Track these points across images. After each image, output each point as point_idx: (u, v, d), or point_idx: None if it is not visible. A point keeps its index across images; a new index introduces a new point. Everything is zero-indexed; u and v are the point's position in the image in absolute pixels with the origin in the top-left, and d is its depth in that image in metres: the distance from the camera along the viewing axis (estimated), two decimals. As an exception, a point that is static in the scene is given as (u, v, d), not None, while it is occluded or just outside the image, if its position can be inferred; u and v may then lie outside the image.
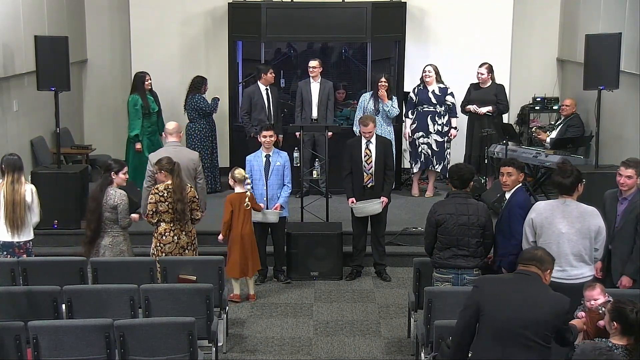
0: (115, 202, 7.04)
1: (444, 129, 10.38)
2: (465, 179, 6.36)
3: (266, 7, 10.57)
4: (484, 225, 6.24)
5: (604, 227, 5.86)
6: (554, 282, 5.61)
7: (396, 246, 9.02)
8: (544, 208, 5.89)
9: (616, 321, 4.61)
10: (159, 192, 7.21)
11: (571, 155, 10.04)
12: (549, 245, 5.68)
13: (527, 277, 4.56)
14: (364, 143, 8.34)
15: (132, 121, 10.03)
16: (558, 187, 5.90)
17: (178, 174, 7.27)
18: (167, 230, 7.22)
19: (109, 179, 7.12)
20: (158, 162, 7.35)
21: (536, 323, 4.39)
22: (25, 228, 7.11)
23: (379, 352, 6.89)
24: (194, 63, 11.62)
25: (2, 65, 9.22)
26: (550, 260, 4.67)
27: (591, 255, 5.81)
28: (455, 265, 6.26)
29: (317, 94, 10.18)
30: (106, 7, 12.28)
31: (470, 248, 6.24)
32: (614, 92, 9.12)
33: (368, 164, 8.32)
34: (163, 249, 7.21)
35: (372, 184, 8.34)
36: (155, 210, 7.20)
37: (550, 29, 12.31)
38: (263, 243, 8.37)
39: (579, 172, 5.96)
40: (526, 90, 12.02)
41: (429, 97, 10.31)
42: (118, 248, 7.11)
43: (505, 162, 6.57)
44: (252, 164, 8.23)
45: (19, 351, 5.27)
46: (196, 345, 5.43)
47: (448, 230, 6.26)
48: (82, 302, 5.98)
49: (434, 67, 10.34)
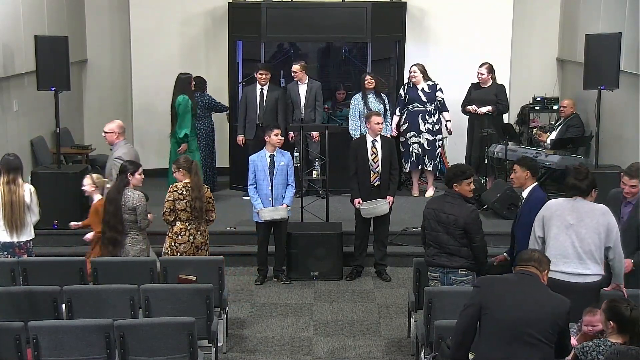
0: (134, 204, 7.02)
1: (434, 127, 10.39)
2: (446, 180, 6.48)
3: (266, 7, 10.57)
4: (463, 227, 6.18)
5: (616, 225, 5.77)
6: (562, 282, 5.62)
7: (396, 246, 9.01)
8: (554, 204, 5.90)
9: (612, 320, 4.60)
10: (178, 189, 7.21)
11: (571, 155, 10.05)
12: (558, 237, 5.67)
13: (528, 277, 4.57)
14: (369, 142, 8.35)
15: (183, 122, 9.80)
16: (572, 189, 5.83)
17: (196, 172, 7.30)
18: (182, 230, 7.21)
19: (126, 181, 7.09)
20: (175, 161, 7.41)
21: (539, 322, 4.39)
22: (24, 228, 7.10)
23: (379, 352, 6.89)
24: (194, 63, 11.60)
25: (2, 65, 9.22)
26: (547, 262, 4.69)
27: (601, 254, 5.73)
28: (440, 264, 6.28)
29: (304, 95, 10.19)
30: (106, 7, 12.28)
31: (450, 247, 6.23)
32: (614, 92, 9.13)
33: (375, 163, 8.33)
34: (178, 248, 7.21)
35: (378, 183, 8.35)
36: (172, 209, 7.19)
37: (550, 29, 12.31)
38: (266, 243, 8.38)
39: (594, 177, 5.92)
40: (526, 90, 12.02)
41: (419, 95, 10.32)
42: (138, 247, 7.10)
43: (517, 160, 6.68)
44: (256, 164, 8.22)
45: (19, 351, 5.26)
46: (196, 345, 5.43)
47: (430, 226, 6.34)
48: (82, 302, 5.98)
49: (419, 67, 10.35)
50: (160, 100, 11.65)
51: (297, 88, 10.23)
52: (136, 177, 7.14)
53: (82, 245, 8.89)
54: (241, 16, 10.87)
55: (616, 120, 9.92)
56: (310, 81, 10.28)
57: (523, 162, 6.54)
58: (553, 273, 5.66)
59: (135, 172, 7.14)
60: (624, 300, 4.73)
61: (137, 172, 7.15)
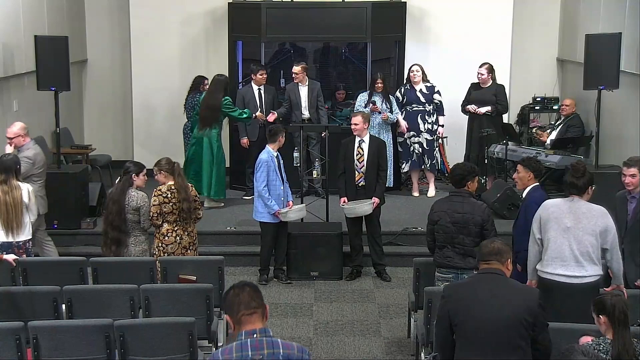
0: (138, 204, 7.00)
1: (433, 127, 10.41)
2: (457, 179, 6.36)
3: (266, 7, 10.57)
4: (481, 224, 6.20)
5: (613, 227, 5.73)
6: (558, 283, 5.63)
7: (396, 246, 9.02)
8: (551, 205, 5.86)
9: (600, 314, 4.56)
10: (162, 193, 7.16)
11: (571, 155, 10.05)
12: (555, 240, 5.67)
13: (490, 275, 4.49)
14: (356, 142, 8.36)
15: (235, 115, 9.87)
16: (569, 187, 5.83)
17: (179, 173, 7.25)
18: (169, 231, 7.19)
19: (130, 181, 7.07)
20: (157, 163, 7.28)
21: (509, 320, 4.32)
22: (21, 229, 7.04)
23: (379, 352, 6.89)
24: (194, 63, 11.62)
25: (2, 65, 9.22)
26: (508, 250, 4.59)
27: (598, 254, 5.70)
28: (454, 266, 6.27)
29: (305, 96, 10.18)
30: (106, 7, 12.28)
31: (465, 247, 6.22)
32: (614, 92, 9.12)
33: (360, 163, 8.33)
34: (165, 249, 7.19)
35: (363, 183, 8.34)
36: (159, 212, 7.14)
37: (550, 29, 12.31)
38: (273, 244, 8.38)
39: (591, 174, 5.91)
40: (526, 90, 12.01)
41: (417, 97, 10.33)
42: (141, 247, 7.09)
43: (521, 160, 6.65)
44: (269, 165, 8.13)
45: (19, 351, 5.26)
46: (196, 345, 5.43)
47: (443, 228, 6.29)
48: (82, 302, 5.97)
49: (420, 67, 10.36)
50: (160, 100, 11.68)
51: (297, 89, 10.21)
52: (140, 178, 7.13)
53: (82, 245, 8.96)
54: (241, 16, 10.88)
55: (616, 120, 9.91)
56: (311, 82, 10.28)
57: (527, 163, 6.50)
58: (551, 275, 5.70)
59: (140, 173, 7.13)
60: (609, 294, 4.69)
61: (141, 173, 7.14)
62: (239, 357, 3.43)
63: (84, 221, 9.19)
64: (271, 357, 3.44)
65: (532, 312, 4.38)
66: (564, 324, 5.14)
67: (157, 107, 11.77)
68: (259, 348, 3.45)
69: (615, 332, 4.44)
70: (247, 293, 3.53)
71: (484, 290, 4.45)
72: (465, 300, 4.47)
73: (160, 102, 11.69)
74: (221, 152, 9.96)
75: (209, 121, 9.79)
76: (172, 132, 11.40)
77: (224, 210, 9.93)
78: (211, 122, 9.79)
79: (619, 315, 4.44)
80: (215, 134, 9.85)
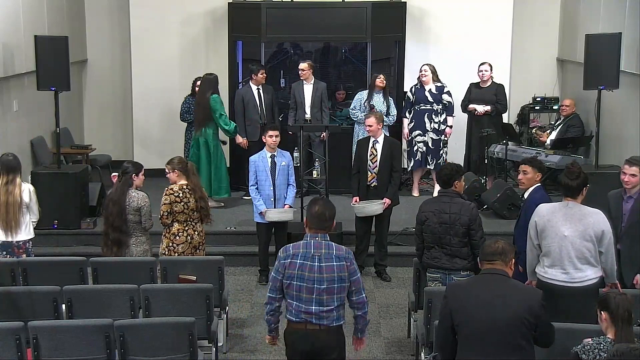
0: (138, 204, 6.98)
1: (440, 126, 10.39)
2: (445, 179, 6.32)
3: (266, 7, 10.56)
4: (467, 224, 6.17)
5: (609, 230, 5.70)
6: (558, 286, 5.62)
7: (396, 246, 9.01)
8: (546, 211, 5.81)
9: (603, 310, 4.56)
10: (174, 192, 7.12)
11: (571, 155, 10.05)
12: (552, 248, 5.66)
13: (493, 276, 4.49)
14: (370, 142, 8.37)
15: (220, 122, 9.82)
16: (564, 188, 5.81)
17: (193, 172, 7.26)
18: (180, 231, 7.15)
19: (130, 182, 7.04)
20: (170, 161, 7.27)
21: (511, 321, 4.33)
22: (19, 229, 7.03)
23: (379, 352, 6.88)
24: (194, 63, 11.62)
25: (2, 65, 9.22)
26: (512, 250, 4.59)
27: (596, 257, 5.67)
28: (441, 266, 6.26)
29: (309, 95, 10.17)
30: (106, 7, 12.29)
31: (453, 247, 6.21)
32: (614, 92, 9.12)
33: (373, 163, 8.33)
34: (176, 249, 7.15)
35: (375, 184, 8.35)
36: (169, 211, 7.11)
37: (550, 29, 12.31)
38: (269, 244, 8.37)
39: (586, 175, 5.88)
40: (526, 90, 12.02)
41: (426, 96, 10.32)
42: (142, 247, 7.07)
43: (524, 161, 6.57)
44: (257, 165, 8.21)
45: (19, 351, 5.26)
46: (196, 345, 5.42)
47: (430, 229, 6.28)
48: (82, 302, 5.97)
49: (430, 67, 10.35)
50: (160, 100, 11.67)
51: (302, 88, 10.21)
52: (140, 178, 7.11)
53: (82, 245, 8.96)
54: (241, 16, 10.87)
55: (616, 120, 9.91)
56: (316, 82, 10.26)
57: (536, 164, 6.44)
58: (550, 280, 5.68)
59: (139, 173, 7.12)
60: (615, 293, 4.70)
61: (140, 173, 7.13)
62: (304, 252, 4.91)
63: (84, 221, 9.18)
64: (327, 255, 4.89)
65: (533, 312, 4.38)
66: (564, 324, 5.13)
67: (157, 107, 11.77)
68: (318, 248, 4.91)
69: (618, 330, 4.45)
70: (323, 215, 4.94)
71: (486, 291, 4.46)
72: (468, 300, 4.47)
73: (160, 102, 11.68)
74: (219, 151, 9.96)
75: (203, 121, 9.82)
76: (172, 132, 11.38)
77: (224, 210, 9.92)
78: (205, 121, 9.80)
79: (623, 313, 4.47)
80: (211, 133, 9.85)
